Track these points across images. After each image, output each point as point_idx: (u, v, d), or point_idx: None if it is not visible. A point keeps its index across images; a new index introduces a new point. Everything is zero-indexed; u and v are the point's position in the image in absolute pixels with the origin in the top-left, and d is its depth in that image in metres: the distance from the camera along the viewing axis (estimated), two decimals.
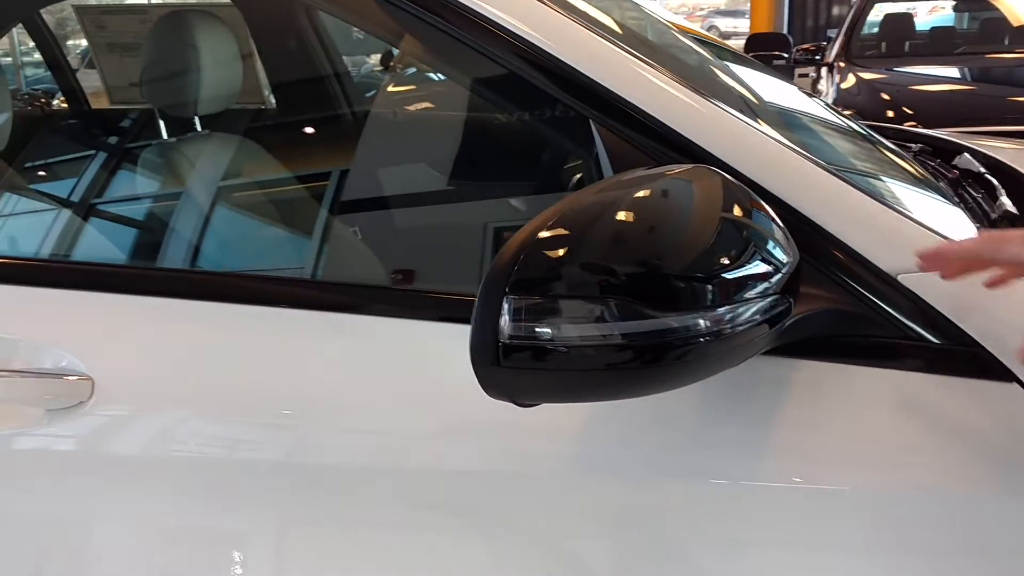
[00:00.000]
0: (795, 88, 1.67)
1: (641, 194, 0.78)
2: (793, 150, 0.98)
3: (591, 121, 0.98)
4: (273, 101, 2.06)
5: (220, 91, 1.72)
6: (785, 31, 10.40)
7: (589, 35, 1.02)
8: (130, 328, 1.06)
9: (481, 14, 1.00)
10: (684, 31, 1.59)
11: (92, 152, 1.79)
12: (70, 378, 1.03)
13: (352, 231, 1.58)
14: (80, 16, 2.19)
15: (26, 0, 1.92)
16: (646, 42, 1.41)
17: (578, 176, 1.36)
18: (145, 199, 1.71)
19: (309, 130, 2.00)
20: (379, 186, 1.64)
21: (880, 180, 1.22)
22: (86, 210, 1.65)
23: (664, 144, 0.94)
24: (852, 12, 5.48)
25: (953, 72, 4.98)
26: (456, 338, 0.80)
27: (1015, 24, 5.60)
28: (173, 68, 1.66)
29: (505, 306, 0.72)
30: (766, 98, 1.39)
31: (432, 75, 1.85)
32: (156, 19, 1.71)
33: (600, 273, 0.72)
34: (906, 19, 5.77)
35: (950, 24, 6.67)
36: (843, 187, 0.94)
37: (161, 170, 1.66)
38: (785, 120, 1.36)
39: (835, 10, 10.73)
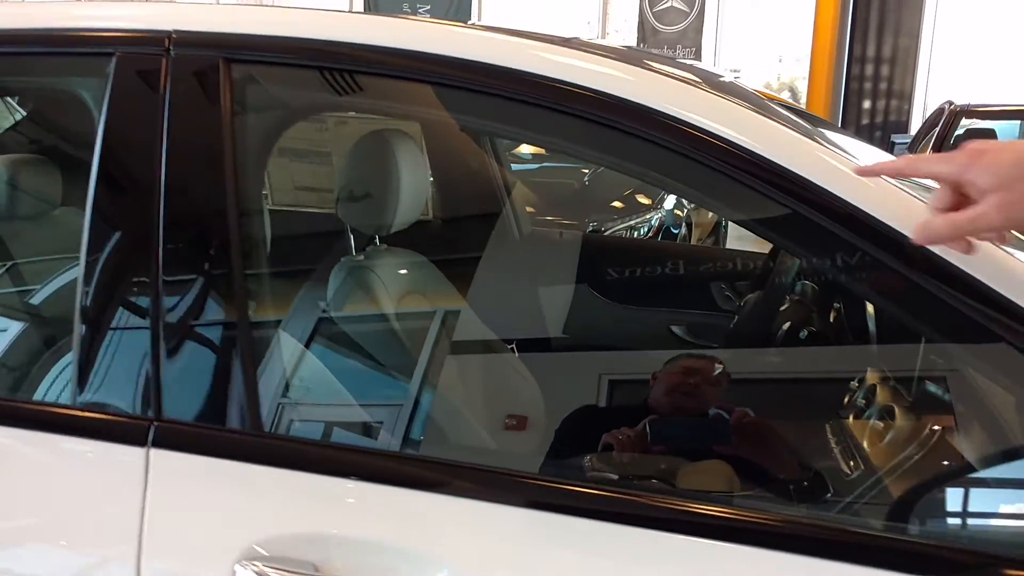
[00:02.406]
0: None
1: None
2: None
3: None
4: (439, 213, 2.14)
5: (411, 211, 1.79)
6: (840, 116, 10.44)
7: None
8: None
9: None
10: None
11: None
12: None
13: None
14: None
15: None
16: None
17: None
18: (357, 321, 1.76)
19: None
20: None
21: None
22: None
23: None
24: (939, 127, 5.55)
25: None
26: None
27: None
28: (372, 189, 1.73)
29: None
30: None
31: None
32: (358, 139, 1.79)
33: None
34: (988, 135, 5.84)
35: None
36: None
37: (359, 288, 1.72)
38: None
39: (893, 101, 10.76)
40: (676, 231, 4.77)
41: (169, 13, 1.10)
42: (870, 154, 1.49)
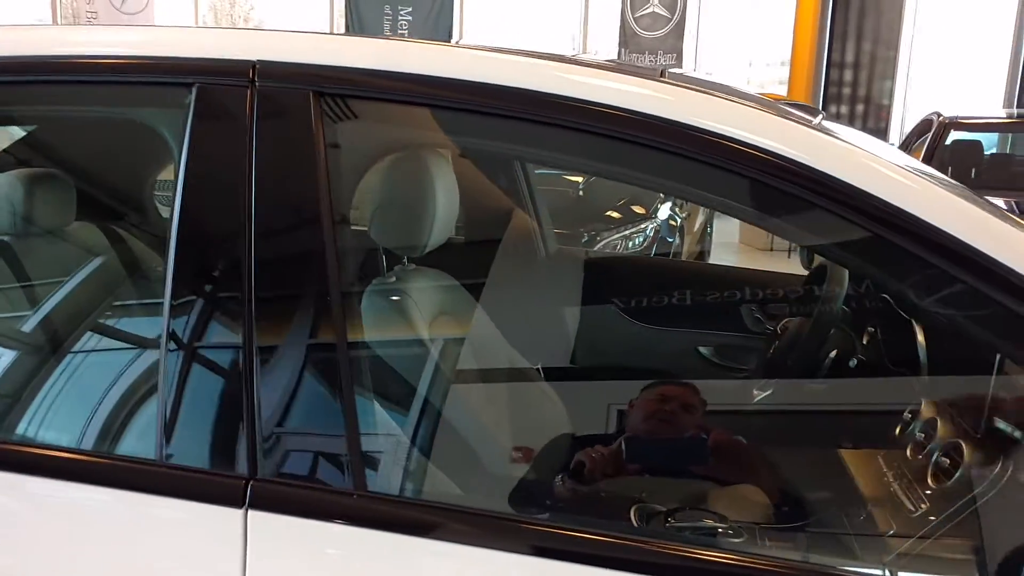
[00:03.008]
0: None
1: None
2: None
3: None
4: (465, 232, 2.09)
5: (444, 231, 1.74)
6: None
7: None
8: None
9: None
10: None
11: None
12: None
13: None
14: None
15: None
16: None
17: None
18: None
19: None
20: None
21: None
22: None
23: None
24: (929, 139, 5.59)
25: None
26: None
27: None
28: (407, 210, 1.67)
29: None
30: None
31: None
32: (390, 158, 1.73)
33: None
34: (976, 147, 5.88)
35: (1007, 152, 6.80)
36: None
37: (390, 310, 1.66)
38: None
39: (872, 107, 10.79)
40: (671, 240, 4.74)
41: (256, 41, 1.03)
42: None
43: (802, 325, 1.75)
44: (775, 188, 1.02)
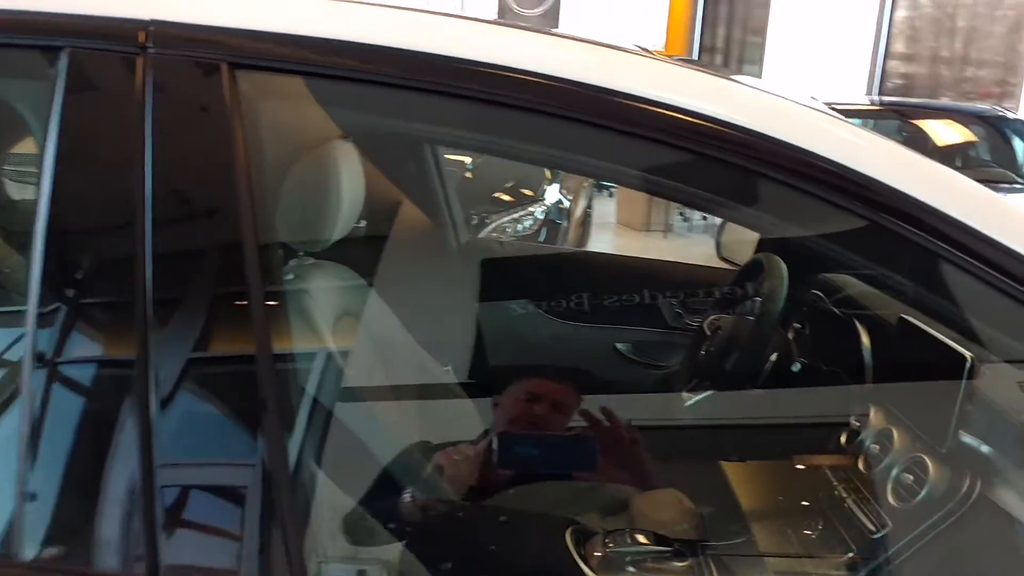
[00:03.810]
0: None
1: None
2: None
3: None
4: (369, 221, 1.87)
5: (348, 222, 1.53)
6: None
7: None
8: None
9: None
10: None
11: None
12: None
13: None
14: None
15: None
16: None
17: None
18: None
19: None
20: None
21: None
22: None
23: None
24: None
25: None
26: None
27: (939, 144, 5.95)
28: (309, 197, 1.45)
29: None
30: None
31: None
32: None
33: None
34: None
35: None
36: None
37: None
38: None
39: (744, 70, 11.02)
40: (560, 222, 4.63)
41: None
42: None
43: (738, 325, 1.64)
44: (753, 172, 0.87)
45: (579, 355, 2.00)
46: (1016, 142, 5.89)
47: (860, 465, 1.36)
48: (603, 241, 7.50)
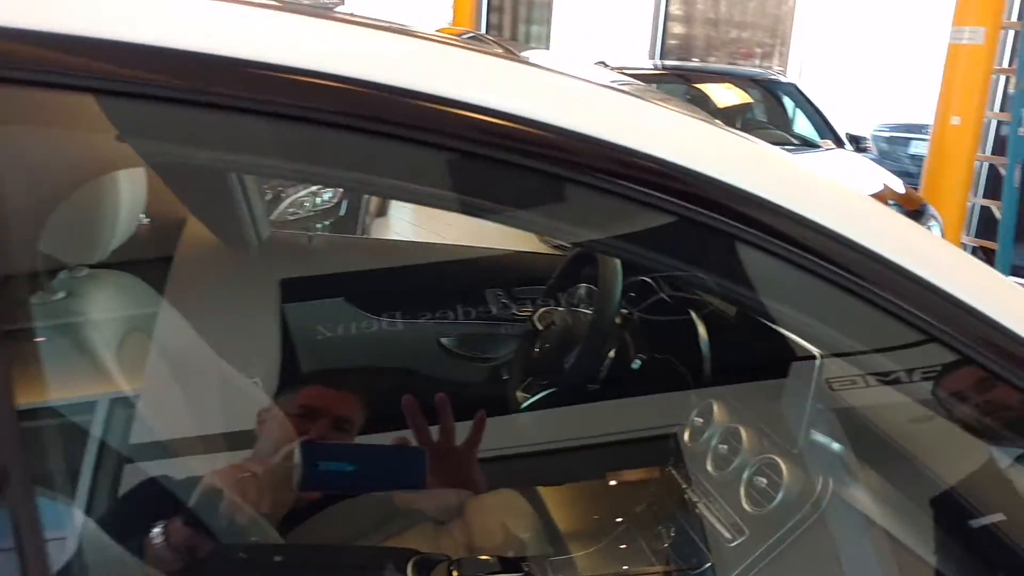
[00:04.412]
0: None
1: None
2: None
3: None
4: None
5: (127, 224, 1.30)
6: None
7: None
8: None
9: None
10: None
11: None
12: None
13: None
14: None
15: None
16: None
17: None
18: None
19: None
20: None
21: None
22: None
23: None
24: None
25: None
26: None
27: (720, 107, 6.21)
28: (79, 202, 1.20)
29: None
30: None
31: None
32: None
33: None
34: None
35: None
36: None
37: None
38: None
39: (532, 31, 11.03)
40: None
41: None
42: None
43: (573, 320, 1.55)
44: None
45: (400, 353, 1.85)
46: (788, 104, 6.26)
47: (709, 467, 1.31)
48: (399, 215, 7.29)
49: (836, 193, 0.86)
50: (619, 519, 1.36)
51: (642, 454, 1.41)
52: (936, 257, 0.85)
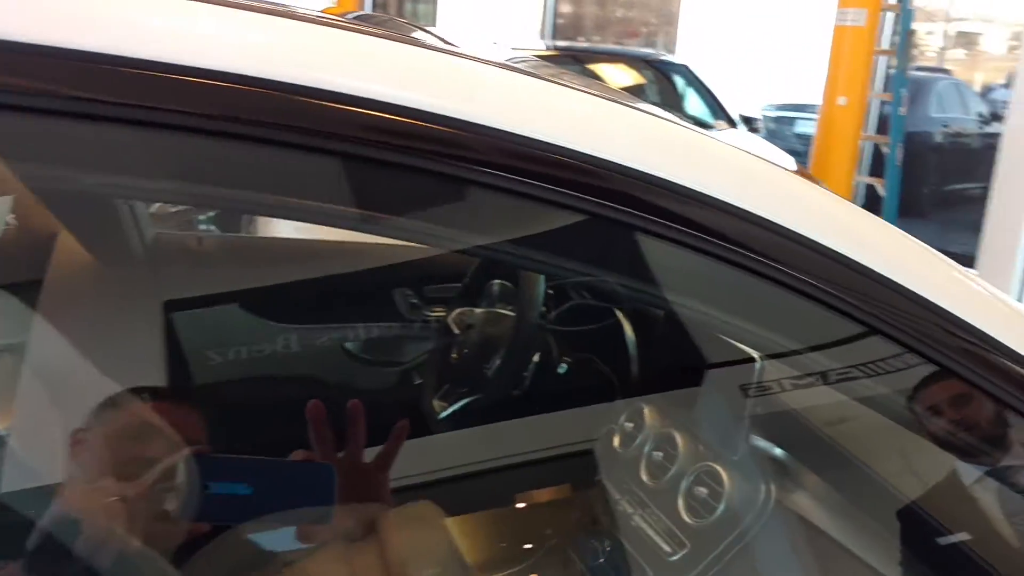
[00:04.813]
0: None
1: None
2: None
3: None
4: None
5: None
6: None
7: None
8: None
9: None
10: None
11: None
12: None
13: None
14: None
15: None
16: None
17: None
18: None
19: None
20: None
21: None
22: None
23: None
24: None
25: None
26: None
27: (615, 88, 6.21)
28: None
29: None
30: None
31: None
32: None
33: None
34: None
35: None
36: None
37: None
38: None
39: (419, 8, 10.81)
40: None
41: None
42: None
43: (494, 323, 1.45)
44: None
45: (301, 361, 1.72)
46: (680, 85, 6.31)
47: (644, 476, 1.24)
48: None
49: (782, 183, 0.79)
50: (547, 536, 1.28)
51: (569, 467, 1.33)
52: (878, 242, 0.79)
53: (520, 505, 1.31)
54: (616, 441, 1.32)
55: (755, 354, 1.11)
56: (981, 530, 1.00)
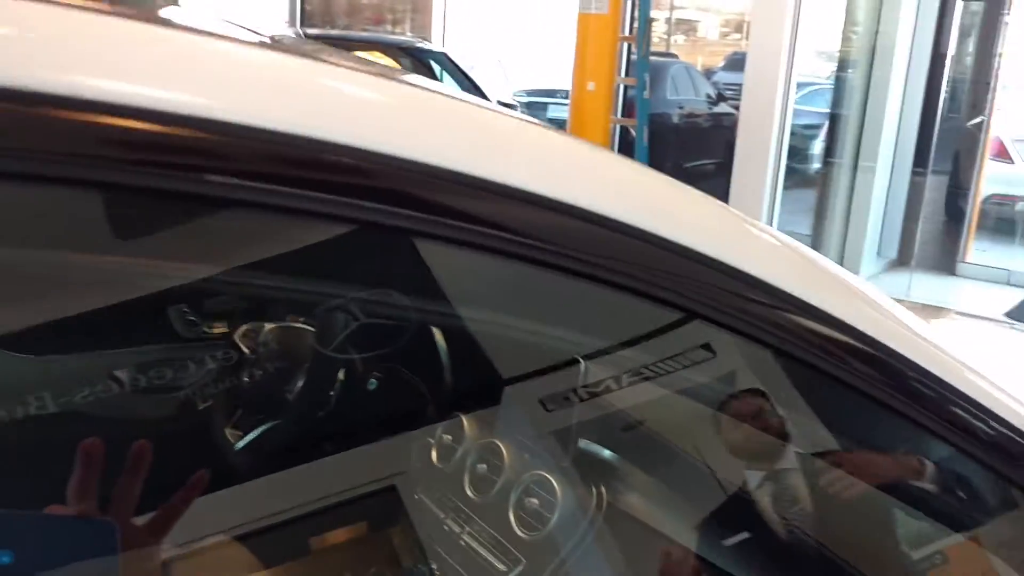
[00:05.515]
0: None
1: None
2: None
3: None
4: None
5: None
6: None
7: None
8: None
9: None
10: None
11: None
12: None
13: None
14: None
15: None
16: None
17: None
18: None
19: None
20: None
21: None
22: None
23: None
24: None
25: None
26: None
27: None
28: None
29: None
30: None
31: None
32: None
33: None
34: None
35: None
36: None
37: None
38: None
39: None
40: None
41: None
42: None
43: (284, 336, 1.33)
44: None
45: (60, 396, 1.49)
46: (438, 72, 6.29)
47: (469, 491, 1.18)
48: None
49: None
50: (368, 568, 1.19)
51: (378, 498, 1.24)
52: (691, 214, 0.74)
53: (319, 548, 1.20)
54: (434, 455, 1.25)
55: (576, 356, 1.09)
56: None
